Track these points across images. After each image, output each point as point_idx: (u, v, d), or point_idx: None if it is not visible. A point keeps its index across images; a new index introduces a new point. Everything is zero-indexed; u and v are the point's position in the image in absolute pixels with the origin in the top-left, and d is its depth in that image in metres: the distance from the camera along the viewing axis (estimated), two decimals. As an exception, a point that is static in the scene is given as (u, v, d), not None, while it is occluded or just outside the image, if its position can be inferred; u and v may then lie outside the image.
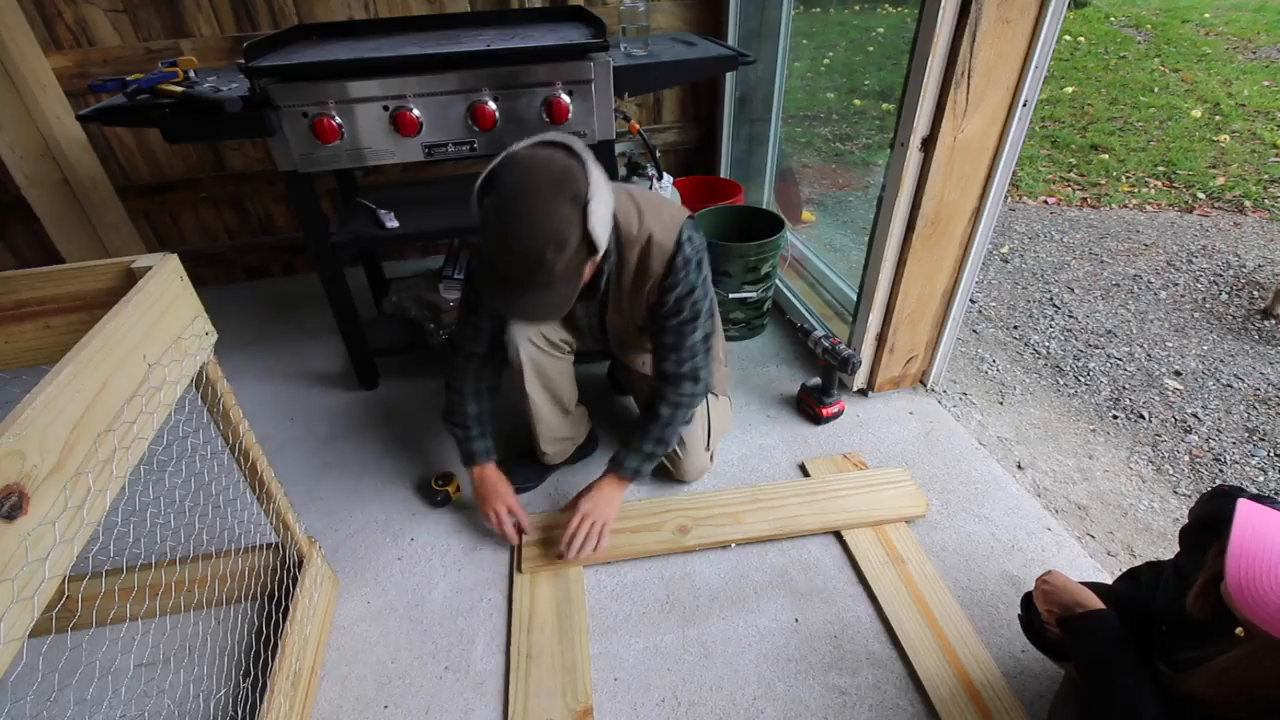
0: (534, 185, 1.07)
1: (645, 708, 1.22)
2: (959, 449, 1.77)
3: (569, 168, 1.09)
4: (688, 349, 1.40)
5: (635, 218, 1.30)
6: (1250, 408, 1.97)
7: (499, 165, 1.12)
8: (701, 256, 1.35)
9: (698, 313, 1.37)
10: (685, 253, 1.31)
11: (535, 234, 1.06)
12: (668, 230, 1.30)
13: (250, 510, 1.55)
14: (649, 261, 1.31)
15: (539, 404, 1.53)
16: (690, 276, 1.33)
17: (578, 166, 1.10)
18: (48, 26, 2.15)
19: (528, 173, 1.08)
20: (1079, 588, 1.02)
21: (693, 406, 1.46)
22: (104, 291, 0.95)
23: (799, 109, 3.68)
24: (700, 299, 1.36)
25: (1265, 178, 3.43)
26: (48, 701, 1.24)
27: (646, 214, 1.31)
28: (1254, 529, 0.69)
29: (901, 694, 1.22)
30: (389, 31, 1.92)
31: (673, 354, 1.41)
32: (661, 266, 1.31)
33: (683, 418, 1.46)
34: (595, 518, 1.45)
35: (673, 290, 1.33)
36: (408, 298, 2.10)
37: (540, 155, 1.10)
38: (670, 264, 1.31)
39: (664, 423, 1.45)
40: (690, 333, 1.38)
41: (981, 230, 1.64)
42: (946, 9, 1.32)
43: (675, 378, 1.43)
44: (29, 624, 0.65)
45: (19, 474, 0.64)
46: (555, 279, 1.10)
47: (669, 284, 1.32)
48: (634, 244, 1.30)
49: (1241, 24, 5.66)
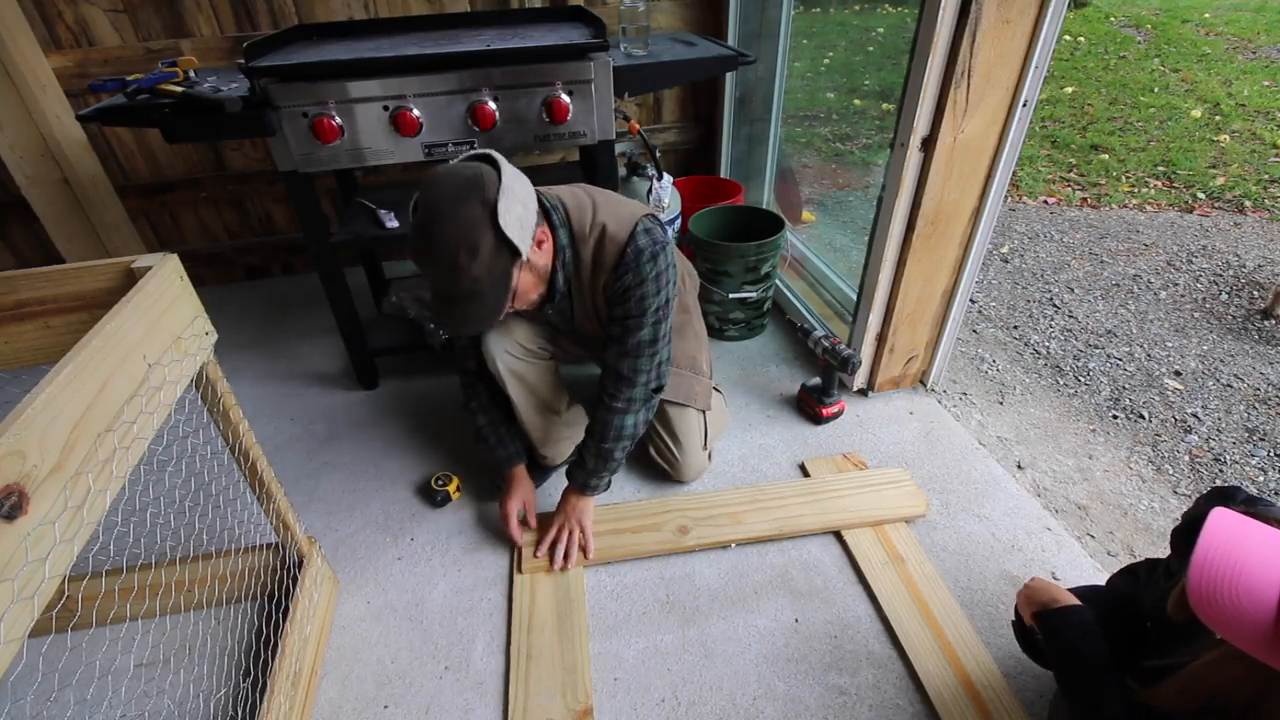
0: (441, 195, 1.10)
1: (645, 708, 1.22)
2: (959, 449, 1.77)
3: (479, 174, 1.11)
4: (631, 344, 1.33)
5: (589, 213, 1.30)
6: (1250, 408, 1.97)
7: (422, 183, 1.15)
8: (659, 250, 1.29)
9: (645, 309, 1.30)
10: (639, 243, 1.27)
11: (444, 240, 1.08)
12: (623, 222, 1.29)
13: (250, 510, 1.55)
14: (603, 254, 1.30)
15: (525, 410, 1.54)
16: (643, 268, 1.28)
17: (490, 171, 1.12)
18: (48, 26, 2.15)
19: (437, 186, 1.11)
20: (1056, 588, 1.03)
21: (632, 414, 1.39)
22: (104, 291, 0.95)
23: (799, 109, 3.68)
24: (651, 294, 1.29)
25: (1265, 178, 3.43)
26: (48, 701, 1.24)
27: (601, 208, 1.31)
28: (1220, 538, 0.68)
29: (901, 694, 1.22)
30: (389, 31, 1.92)
31: (614, 346, 1.36)
32: (614, 257, 1.29)
33: (624, 426, 1.39)
34: (570, 525, 1.47)
35: (622, 279, 1.29)
36: (408, 298, 2.10)
37: (452, 168, 1.13)
38: (622, 253, 1.29)
39: (600, 432, 1.40)
40: (636, 328, 1.32)
41: (981, 230, 1.64)
42: (946, 9, 1.32)
43: (614, 375, 1.37)
44: (29, 624, 0.65)
45: (19, 474, 0.64)
46: (481, 286, 1.12)
47: (620, 272, 1.29)
48: (588, 239, 1.30)
49: (1241, 24, 5.66)
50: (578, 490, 1.47)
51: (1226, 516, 0.71)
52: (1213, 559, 0.67)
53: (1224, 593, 0.65)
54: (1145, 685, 0.85)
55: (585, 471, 1.45)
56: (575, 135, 1.68)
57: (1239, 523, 0.70)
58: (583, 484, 1.46)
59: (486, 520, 1.62)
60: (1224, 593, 0.65)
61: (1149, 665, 0.86)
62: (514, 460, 1.55)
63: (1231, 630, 0.65)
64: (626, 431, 1.40)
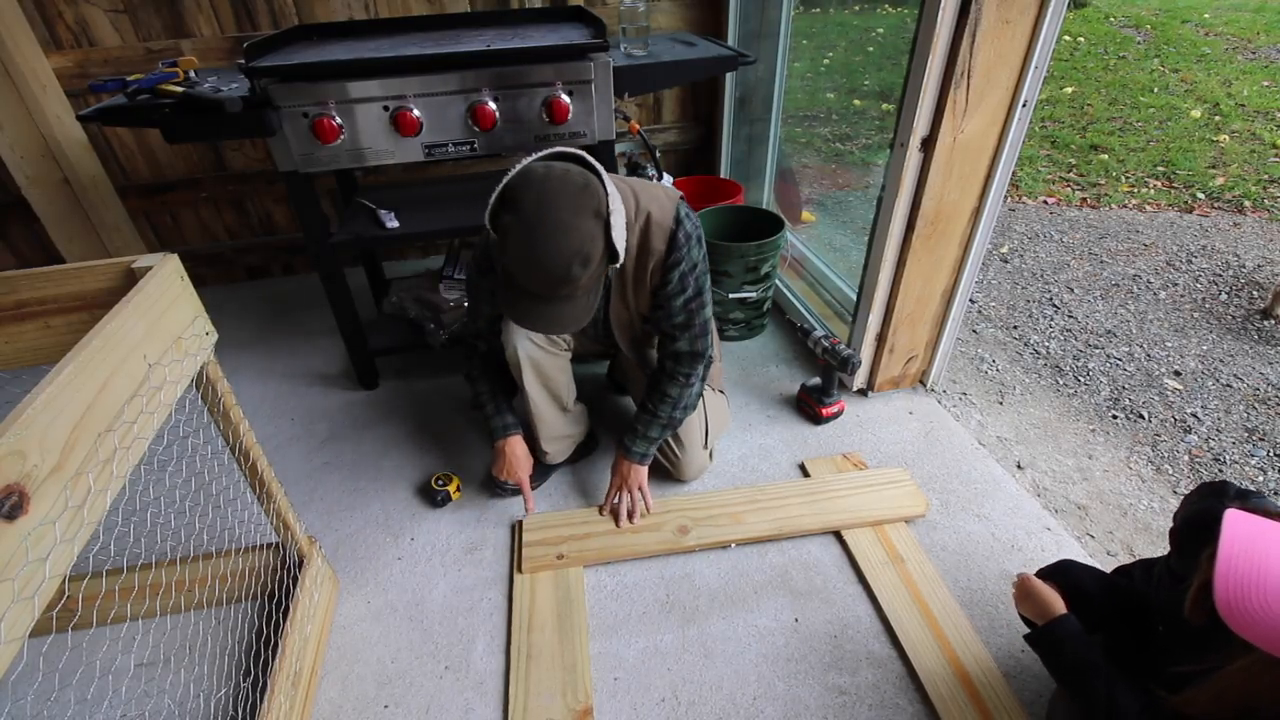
0: (556, 203, 1.06)
1: (645, 707, 1.23)
2: (959, 449, 1.77)
3: (589, 182, 1.10)
4: (699, 325, 1.41)
5: (632, 200, 1.30)
6: (1250, 408, 1.97)
7: (516, 181, 1.10)
8: (699, 233, 1.36)
9: (701, 288, 1.38)
10: (686, 228, 1.31)
11: (563, 251, 1.06)
12: (664, 208, 1.31)
13: (250, 510, 1.55)
14: (650, 241, 1.31)
15: (537, 401, 1.54)
16: (692, 252, 1.33)
17: (595, 179, 1.11)
18: (48, 26, 2.15)
19: (548, 190, 1.07)
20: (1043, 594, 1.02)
21: (698, 387, 1.49)
22: (104, 291, 0.95)
23: (799, 109, 3.68)
24: (703, 274, 1.38)
25: (1265, 178, 3.43)
26: (48, 701, 1.24)
27: (641, 195, 1.31)
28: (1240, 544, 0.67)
29: (901, 694, 1.23)
30: (389, 31, 1.92)
31: (684, 333, 1.42)
32: (663, 244, 1.31)
33: (691, 398, 1.48)
34: (630, 484, 1.53)
35: (677, 267, 1.33)
36: (408, 298, 2.10)
37: (557, 170, 1.09)
38: (672, 239, 1.31)
39: (673, 402, 1.47)
40: (699, 309, 1.40)
41: (981, 230, 1.64)
42: (946, 9, 1.32)
43: (688, 356, 1.44)
44: (29, 624, 0.65)
45: (19, 474, 0.64)
46: (578, 292, 1.12)
47: (673, 260, 1.32)
48: (633, 226, 1.30)
49: (1241, 24, 5.66)
50: (636, 461, 1.53)
51: (1242, 518, 0.69)
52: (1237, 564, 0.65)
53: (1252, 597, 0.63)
54: (1174, 691, 0.83)
55: (647, 441, 1.52)
56: (575, 135, 1.68)
57: (1256, 524, 0.69)
58: (642, 455, 1.53)
59: (487, 520, 1.62)
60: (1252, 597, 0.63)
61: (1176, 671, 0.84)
62: (513, 429, 1.57)
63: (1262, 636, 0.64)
64: (694, 401, 1.51)
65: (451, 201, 1.98)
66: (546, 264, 1.06)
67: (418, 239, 1.85)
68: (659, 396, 1.48)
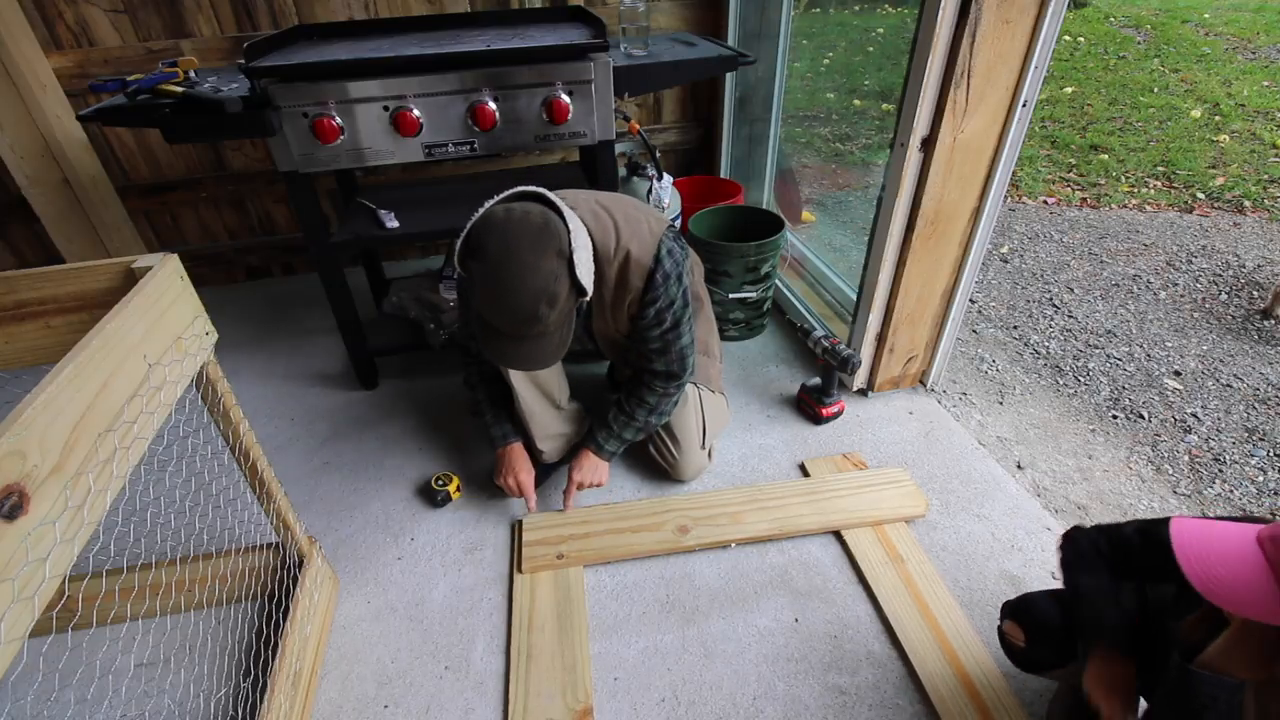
0: (519, 246, 1.09)
1: (645, 707, 1.23)
2: (959, 449, 1.77)
3: (548, 222, 1.12)
4: (675, 353, 1.45)
5: (612, 235, 1.32)
6: (1250, 408, 1.97)
7: (478, 227, 1.14)
8: (680, 269, 1.37)
9: (679, 320, 1.41)
10: (665, 268, 1.33)
11: (529, 292, 1.09)
12: (645, 246, 1.33)
13: (250, 510, 1.55)
14: (628, 277, 1.34)
15: (528, 399, 1.55)
16: (670, 290, 1.36)
17: (555, 217, 1.13)
18: (48, 26, 2.15)
19: (509, 234, 1.10)
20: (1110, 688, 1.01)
21: (677, 396, 1.53)
22: (104, 291, 0.95)
23: (799, 109, 3.68)
24: (680, 309, 1.40)
25: (1265, 178, 3.43)
26: (48, 701, 1.24)
27: (623, 230, 1.32)
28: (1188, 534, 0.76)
29: (901, 694, 1.23)
30: (389, 32, 1.92)
31: (660, 358, 1.46)
32: (641, 281, 1.34)
33: (666, 406, 1.52)
34: (593, 479, 1.57)
35: (653, 304, 1.36)
36: (408, 298, 2.10)
37: (517, 212, 1.12)
38: (650, 279, 1.34)
39: (649, 409, 1.52)
40: (675, 340, 1.43)
41: (981, 230, 1.64)
42: (946, 9, 1.32)
43: (664, 375, 1.49)
44: (29, 624, 0.65)
45: (19, 474, 0.64)
46: (549, 329, 1.15)
47: (649, 299, 1.36)
48: (612, 261, 1.32)
49: (1241, 24, 5.66)
50: (605, 458, 1.59)
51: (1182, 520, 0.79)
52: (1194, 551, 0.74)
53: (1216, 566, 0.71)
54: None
55: (619, 441, 1.57)
56: (575, 135, 1.68)
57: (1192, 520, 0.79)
58: (612, 452, 1.58)
59: (487, 520, 1.62)
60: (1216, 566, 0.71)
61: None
62: (512, 436, 1.60)
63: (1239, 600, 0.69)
64: (671, 410, 1.55)
65: (451, 201, 1.98)
66: (514, 306, 1.10)
67: (418, 239, 1.85)
68: (636, 401, 1.53)
